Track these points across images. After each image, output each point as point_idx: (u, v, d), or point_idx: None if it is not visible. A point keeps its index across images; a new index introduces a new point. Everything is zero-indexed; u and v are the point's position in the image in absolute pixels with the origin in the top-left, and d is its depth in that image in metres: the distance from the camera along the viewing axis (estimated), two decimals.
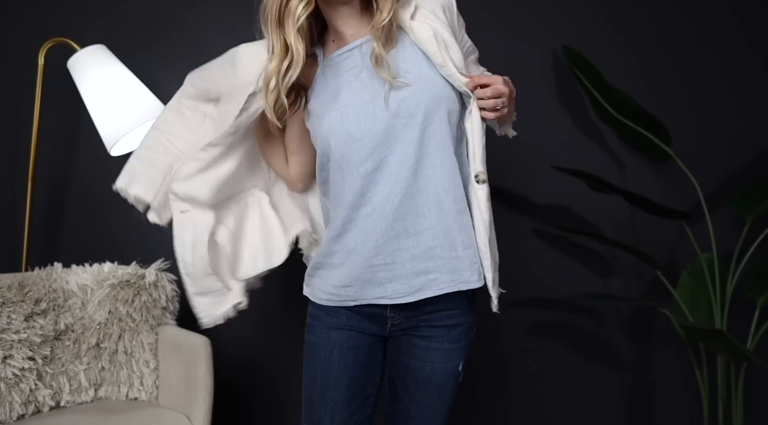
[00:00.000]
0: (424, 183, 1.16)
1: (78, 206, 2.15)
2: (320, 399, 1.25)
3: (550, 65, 2.28)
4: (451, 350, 1.23)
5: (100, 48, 1.87)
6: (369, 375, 1.26)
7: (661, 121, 2.02)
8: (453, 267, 1.17)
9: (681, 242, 2.27)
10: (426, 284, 1.17)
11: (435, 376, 1.23)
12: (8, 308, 1.65)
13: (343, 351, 1.23)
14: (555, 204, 2.28)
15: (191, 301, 1.33)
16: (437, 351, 1.22)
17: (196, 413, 1.60)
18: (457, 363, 1.24)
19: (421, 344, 1.23)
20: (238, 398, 2.20)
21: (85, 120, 2.04)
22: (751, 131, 2.30)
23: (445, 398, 1.26)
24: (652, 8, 2.30)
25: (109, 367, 1.77)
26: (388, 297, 1.18)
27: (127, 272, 1.80)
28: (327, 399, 1.24)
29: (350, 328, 1.24)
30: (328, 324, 1.25)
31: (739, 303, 2.06)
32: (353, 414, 1.25)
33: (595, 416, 2.29)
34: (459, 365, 1.25)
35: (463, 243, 1.17)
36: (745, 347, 1.81)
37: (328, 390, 1.24)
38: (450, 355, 1.23)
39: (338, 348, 1.24)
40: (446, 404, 1.26)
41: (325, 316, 1.25)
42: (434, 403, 1.25)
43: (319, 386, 1.25)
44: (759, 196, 2.05)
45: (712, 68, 2.30)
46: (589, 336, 2.30)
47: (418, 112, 1.15)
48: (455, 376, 1.25)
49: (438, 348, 1.22)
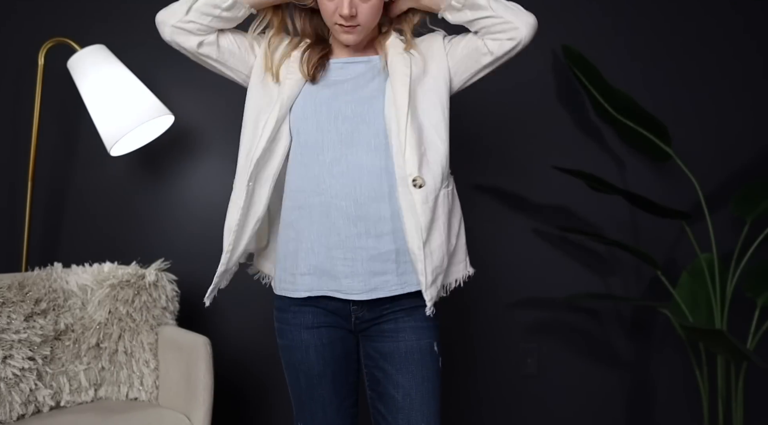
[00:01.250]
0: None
1: (78, 206, 2.15)
2: (309, 397, 1.30)
3: (550, 65, 2.28)
4: (420, 328, 1.26)
5: (100, 48, 1.87)
6: (349, 365, 1.31)
7: (661, 121, 2.02)
8: (404, 271, 1.23)
9: (681, 242, 2.27)
10: (380, 285, 1.23)
11: (411, 354, 1.25)
12: (8, 308, 1.65)
13: (319, 349, 1.28)
14: (555, 204, 2.28)
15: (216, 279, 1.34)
16: (406, 330, 1.26)
17: (196, 413, 1.60)
18: (430, 342, 1.26)
19: (389, 327, 1.27)
20: (238, 398, 2.20)
21: (85, 120, 2.04)
22: (751, 131, 2.30)
23: (429, 380, 1.25)
24: (652, 8, 2.30)
25: (109, 367, 1.77)
26: (343, 291, 1.23)
27: (127, 272, 1.80)
28: (315, 396, 1.29)
29: (319, 326, 1.28)
30: (297, 325, 1.29)
31: (739, 303, 2.06)
32: (342, 401, 1.31)
33: (595, 416, 2.29)
34: (433, 345, 1.27)
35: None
36: (745, 347, 1.81)
37: (315, 389, 1.29)
38: (420, 333, 1.26)
39: (313, 347, 1.28)
40: (432, 387, 1.25)
41: (292, 318, 1.29)
42: (418, 386, 1.24)
43: (304, 386, 1.30)
44: (759, 196, 2.05)
45: (713, 68, 2.30)
46: (589, 336, 2.30)
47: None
48: (432, 356, 1.26)
49: (406, 327, 1.26)
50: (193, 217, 2.18)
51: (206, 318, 2.15)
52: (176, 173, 2.19)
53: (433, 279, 1.21)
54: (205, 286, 1.36)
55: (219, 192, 2.20)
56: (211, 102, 2.18)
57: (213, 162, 2.20)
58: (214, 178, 2.19)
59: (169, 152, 2.18)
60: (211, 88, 2.18)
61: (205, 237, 2.17)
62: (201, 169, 2.20)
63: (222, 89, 2.19)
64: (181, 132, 2.16)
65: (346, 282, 1.22)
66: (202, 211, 2.19)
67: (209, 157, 2.20)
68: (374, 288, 1.22)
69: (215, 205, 2.19)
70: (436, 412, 1.26)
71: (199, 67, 1.41)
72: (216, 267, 1.34)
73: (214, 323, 2.15)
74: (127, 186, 2.17)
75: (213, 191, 2.19)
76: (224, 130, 2.19)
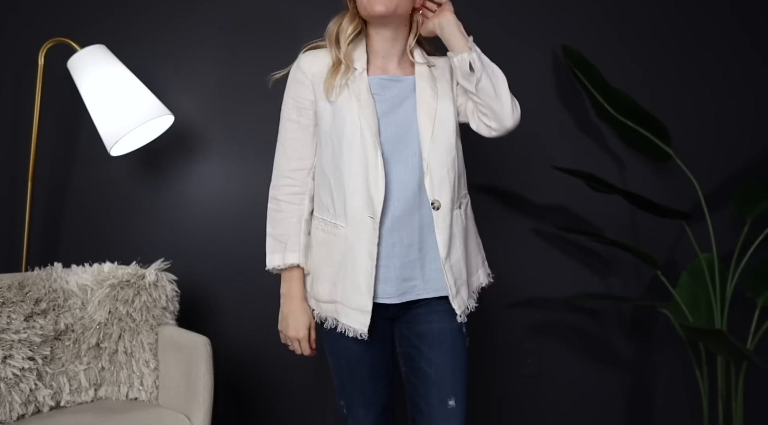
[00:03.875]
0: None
1: (78, 206, 2.15)
2: (349, 378, 1.42)
3: (550, 65, 2.28)
4: (450, 311, 1.36)
5: (100, 48, 1.87)
6: (385, 349, 1.42)
7: (661, 121, 2.02)
8: (429, 277, 1.36)
9: (681, 242, 2.27)
10: (409, 289, 1.35)
11: (443, 334, 1.36)
12: (8, 308, 1.65)
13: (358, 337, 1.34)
14: (555, 204, 2.28)
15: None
16: (438, 312, 1.37)
17: (196, 413, 1.60)
18: (460, 325, 1.37)
19: (423, 310, 1.38)
20: (238, 398, 2.20)
21: (85, 120, 2.04)
22: (751, 131, 2.30)
23: (459, 357, 1.37)
24: (652, 8, 2.30)
25: (109, 367, 1.77)
26: (378, 296, 1.33)
27: (127, 272, 1.80)
28: (355, 378, 1.41)
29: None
30: None
31: (739, 303, 2.07)
32: (378, 383, 1.43)
33: (595, 416, 2.29)
34: (462, 327, 1.38)
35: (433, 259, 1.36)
36: (745, 347, 1.81)
37: (355, 371, 1.41)
38: (450, 317, 1.36)
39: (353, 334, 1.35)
40: (462, 363, 1.37)
41: None
42: (451, 363, 1.35)
43: (345, 369, 1.41)
44: (759, 196, 2.05)
45: (713, 68, 2.30)
46: (589, 336, 2.30)
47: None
48: (462, 337, 1.38)
49: (437, 310, 1.37)
50: (193, 217, 2.18)
51: (206, 318, 2.15)
52: (176, 173, 2.19)
53: (457, 290, 1.35)
54: (206, 286, 1.37)
55: (219, 192, 2.20)
56: (211, 102, 2.18)
57: (213, 162, 2.20)
58: (214, 178, 2.19)
59: (169, 152, 2.18)
60: (211, 88, 2.19)
61: (205, 237, 2.17)
62: (201, 169, 2.20)
63: (222, 89, 2.20)
64: (181, 132, 2.16)
65: (380, 287, 1.33)
66: (202, 210, 2.19)
67: (209, 157, 2.20)
68: (404, 292, 1.34)
69: (215, 205, 2.20)
70: (465, 387, 1.37)
71: (198, 67, 1.41)
72: (215, 267, 1.34)
73: (214, 323, 2.15)
74: (127, 186, 2.17)
75: (213, 191, 2.19)
76: (224, 130, 2.19)
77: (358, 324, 1.30)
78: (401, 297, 1.34)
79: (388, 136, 1.33)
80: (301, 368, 2.18)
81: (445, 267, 1.33)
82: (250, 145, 2.18)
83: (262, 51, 2.18)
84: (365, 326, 1.30)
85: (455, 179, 1.36)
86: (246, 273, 2.14)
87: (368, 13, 1.33)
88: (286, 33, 2.19)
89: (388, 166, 1.32)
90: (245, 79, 2.17)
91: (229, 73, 2.18)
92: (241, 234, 2.16)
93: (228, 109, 2.19)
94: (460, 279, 1.36)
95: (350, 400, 1.43)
